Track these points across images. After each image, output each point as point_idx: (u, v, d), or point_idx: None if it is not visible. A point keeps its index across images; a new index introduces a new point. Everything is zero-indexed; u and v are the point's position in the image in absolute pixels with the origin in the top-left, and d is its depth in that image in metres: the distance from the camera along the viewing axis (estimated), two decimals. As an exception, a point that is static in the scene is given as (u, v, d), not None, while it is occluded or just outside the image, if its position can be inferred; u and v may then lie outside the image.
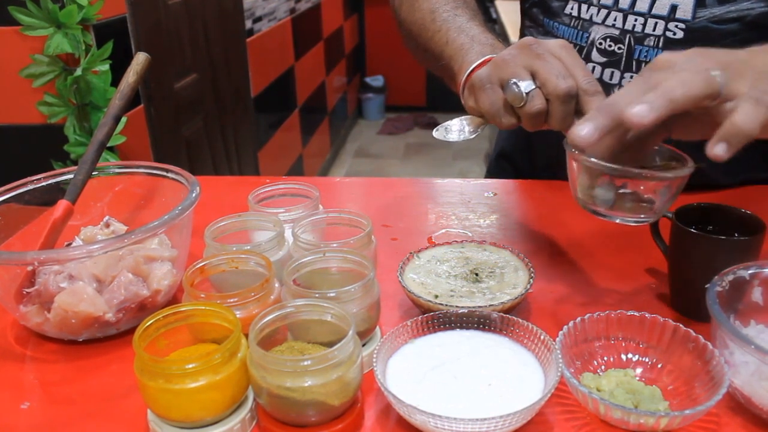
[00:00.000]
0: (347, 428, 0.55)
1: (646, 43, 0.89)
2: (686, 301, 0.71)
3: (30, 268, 0.69)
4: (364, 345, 0.64)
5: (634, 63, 0.90)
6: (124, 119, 1.45)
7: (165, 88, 1.89)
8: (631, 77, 0.90)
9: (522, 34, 1.08)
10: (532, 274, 0.70)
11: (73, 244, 0.78)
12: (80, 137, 1.47)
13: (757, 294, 0.64)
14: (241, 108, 2.52)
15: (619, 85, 0.92)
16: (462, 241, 0.79)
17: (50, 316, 0.67)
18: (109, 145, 1.13)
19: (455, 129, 0.70)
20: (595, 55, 0.93)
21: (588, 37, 0.93)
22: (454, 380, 0.58)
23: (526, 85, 0.63)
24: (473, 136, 0.69)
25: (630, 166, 0.61)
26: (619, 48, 0.90)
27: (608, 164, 0.61)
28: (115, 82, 1.48)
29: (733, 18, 0.85)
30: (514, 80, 0.64)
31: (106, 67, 1.46)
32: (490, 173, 1.22)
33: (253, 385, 0.55)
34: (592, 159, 0.61)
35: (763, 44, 0.60)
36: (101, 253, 0.66)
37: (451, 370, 0.59)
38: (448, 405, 0.55)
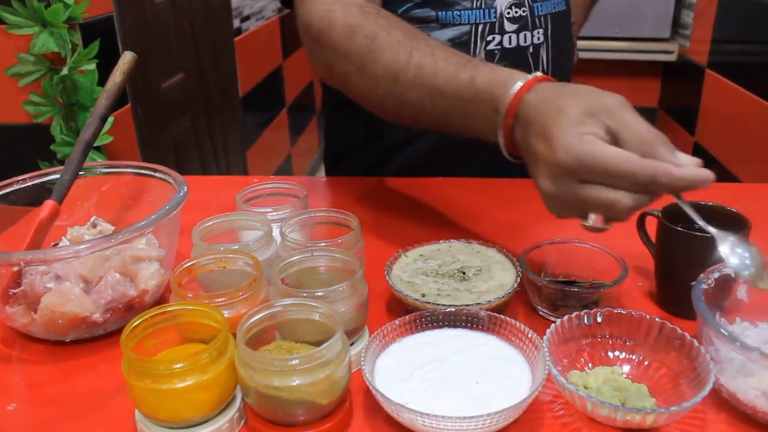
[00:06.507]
0: (335, 427, 0.55)
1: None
2: (673, 298, 0.72)
3: (16, 268, 0.68)
4: (352, 344, 0.64)
5: (537, 20, 0.98)
6: (111, 119, 1.45)
7: (152, 87, 1.88)
8: (539, 33, 0.99)
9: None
10: (520, 273, 0.71)
11: (60, 245, 0.77)
12: (67, 137, 1.46)
13: (742, 291, 0.65)
14: (229, 107, 2.51)
15: (531, 44, 0.98)
16: (450, 240, 0.79)
17: (37, 317, 0.67)
18: (95, 144, 1.12)
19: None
20: (507, 25, 0.97)
21: (495, 12, 0.96)
22: (441, 379, 0.58)
23: (593, 220, 0.59)
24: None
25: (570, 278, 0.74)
26: (524, 11, 0.97)
27: (556, 281, 0.73)
28: (102, 82, 1.47)
29: None
30: (582, 221, 0.60)
31: (92, 66, 1.45)
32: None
33: (241, 385, 0.55)
34: (544, 280, 0.71)
35: None
36: (88, 253, 0.65)
37: (439, 369, 0.59)
38: (435, 403, 0.55)
